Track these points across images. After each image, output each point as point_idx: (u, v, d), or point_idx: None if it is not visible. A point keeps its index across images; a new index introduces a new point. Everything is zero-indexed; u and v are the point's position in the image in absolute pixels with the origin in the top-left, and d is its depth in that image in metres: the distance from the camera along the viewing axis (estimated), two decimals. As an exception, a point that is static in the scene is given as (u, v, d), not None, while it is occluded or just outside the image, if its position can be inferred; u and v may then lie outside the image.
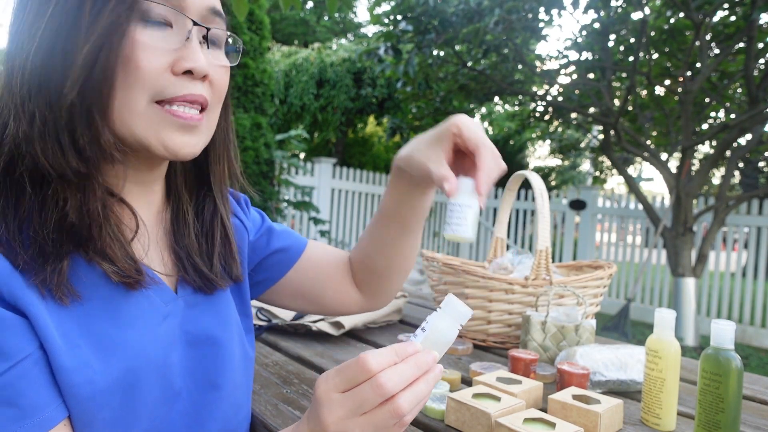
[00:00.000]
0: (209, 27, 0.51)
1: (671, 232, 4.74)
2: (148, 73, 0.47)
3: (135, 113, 0.48)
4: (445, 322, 0.49)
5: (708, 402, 0.66)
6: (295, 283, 0.74)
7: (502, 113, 10.80)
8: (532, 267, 1.07)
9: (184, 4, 0.49)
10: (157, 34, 0.48)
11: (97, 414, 0.48)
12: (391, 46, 4.53)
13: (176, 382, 0.55)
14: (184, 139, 0.50)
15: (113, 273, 0.49)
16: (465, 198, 0.55)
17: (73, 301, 0.47)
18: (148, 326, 0.52)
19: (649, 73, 4.72)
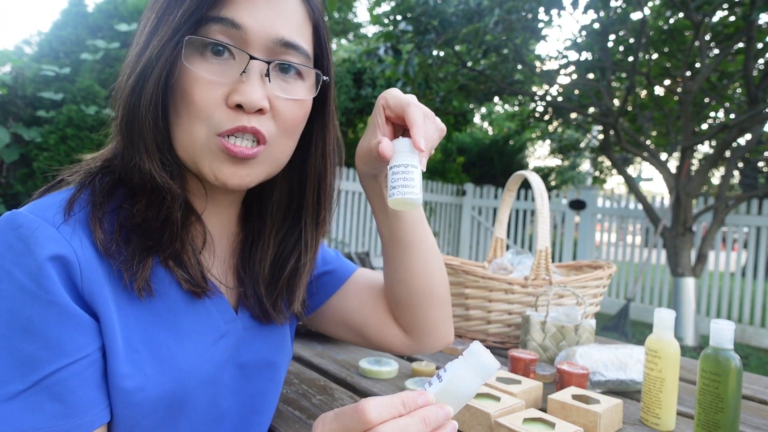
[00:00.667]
0: (271, 60, 0.50)
1: (671, 232, 4.74)
2: (202, 107, 0.49)
3: (195, 143, 0.50)
4: (468, 374, 0.42)
5: (707, 402, 0.66)
6: (338, 310, 0.70)
7: (502, 113, 10.80)
8: (531, 267, 1.08)
9: (246, 37, 0.49)
10: (216, 67, 0.49)
11: (140, 421, 0.48)
12: (391, 46, 4.53)
13: (223, 402, 0.55)
14: (233, 170, 0.51)
15: (183, 280, 0.51)
16: (405, 158, 0.50)
17: (146, 298, 0.49)
18: (205, 343, 0.53)
19: (649, 73, 4.72)
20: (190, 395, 0.51)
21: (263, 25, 0.49)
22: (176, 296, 0.52)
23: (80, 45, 5.21)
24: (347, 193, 6.64)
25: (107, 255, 0.47)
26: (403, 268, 0.65)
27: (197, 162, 0.51)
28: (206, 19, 0.47)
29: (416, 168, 0.50)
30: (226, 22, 0.47)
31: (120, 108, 0.50)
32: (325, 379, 0.87)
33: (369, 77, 7.06)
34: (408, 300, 0.67)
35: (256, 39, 0.49)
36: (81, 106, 4.31)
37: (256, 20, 0.48)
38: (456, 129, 7.94)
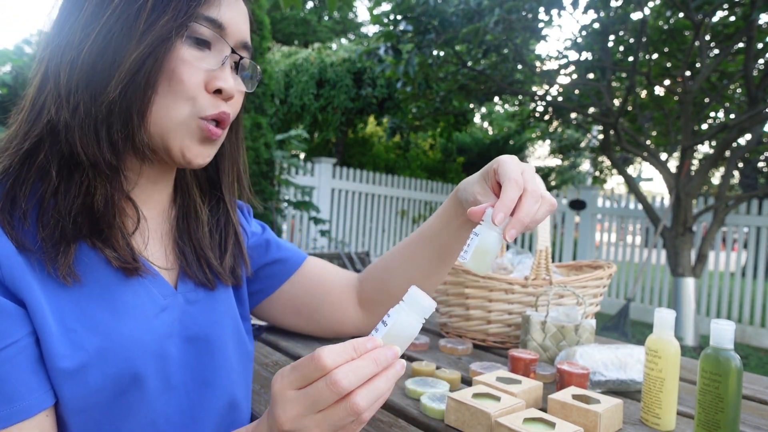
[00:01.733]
0: (242, 56, 0.58)
1: (671, 232, 4.74)
2: (189, 87, 0.53)
3: (173, 121, 0.53)
4: (408, 316, 0.47)
5: (708, 402, 0.66)
6: (290, 297, 0.74)
7: (502, 113, 10.80)
8: (531, 267, 1.08)
9: (226, 32, 0.55)
10: (197, 53, 0.54)
11: (89, 398, 0.49)
12: (391, 46, 4.53)
13: (173, 376, 0.56)
14: (201, 150, 0.56)
15: (114, 258, 0.52)
16: (479, 227, 0.55)
17: (74, 283, 0.50)
18: (145, 316, 0.54)
19: (649, 73, 4.72)
20: (137, 369, 0.51)
21: (237, 26, 0.56)
22: (108, 274, 0.53)
23: (80, 44, 5.20)
24: (347, 193, 6.63)
25: (22, 248, 0.48)
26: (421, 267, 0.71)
27: (168, 139, 0.54)
28: (199, 14, 0.53)
29: (478, 236, 0.54)
30: (213, 21, 0.54)
31: (66, 79, 0.50)
32: (325, 379, 0.87)
33: (369, 77, 7.05)
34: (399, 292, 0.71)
35: (232, 37, 0.56)
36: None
37: (233, 21, 0.56)
38: (456, 129, 7.94)
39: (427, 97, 5.83)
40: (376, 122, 8.49)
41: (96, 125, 0.50)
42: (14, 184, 0.50)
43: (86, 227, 0.51)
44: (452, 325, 1.14)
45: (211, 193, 0.67)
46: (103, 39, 0.50)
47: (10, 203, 0.49)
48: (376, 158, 9.22)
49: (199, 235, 0.63)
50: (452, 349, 1.04)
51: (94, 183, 0.51)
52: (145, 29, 0.50)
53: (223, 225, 0.66)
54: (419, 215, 7.39)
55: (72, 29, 0.51)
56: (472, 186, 0.63)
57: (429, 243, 0.70)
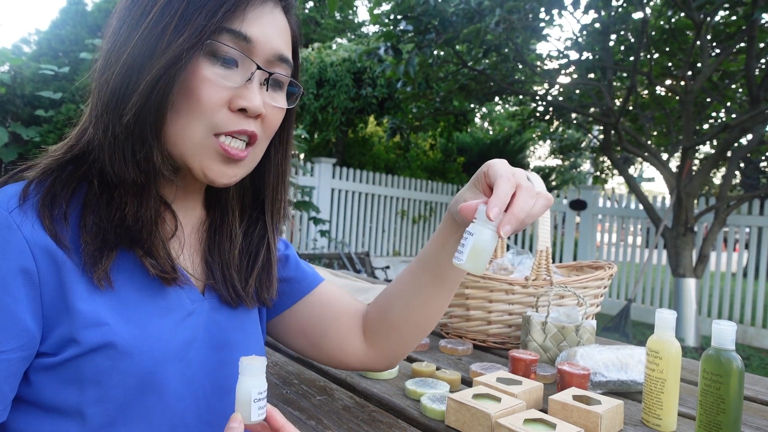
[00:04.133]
0: (272, 72, 0.55)
1: (672, 232, 4.73)
2: (207, 106, 0.52)
3: (190, 140, 0.53)
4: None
5: (709, 403, 0.66)
6: (299, 318, 0.72)
7: (503, 113, 10.80)
8: (532, 267, 1.07)
9: (253, 48, 0.53)
10: (222, 71, 0.52)
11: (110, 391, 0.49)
12: (391, 46, 4.53)
13: (195, 381, 0.56)
14: (223, 169, 0.55)
15: (152, 266, 0.53)
16: (472, 225, 0.53)
17: (107, 288, 0.51)
18: (172, 319, 0.55)
19: (650, 72, 4.72)
20: (159, 369, 0.52)
21: (267, 40, 0.54)
22: (146, 281, 0.54)
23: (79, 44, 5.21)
24: (347, 193, 6.63)
25: (59, 244, 0.49)
26: (421, 294, 0.68)
27: (187, 158, 0.53)
28: (221, 29, 0.51)
29: (472, 235, 0.53)
30: (238, 34, 0.52)
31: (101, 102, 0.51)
32: (325, 380, 0.87)
33: (369, 77, 7.05)
34: (401, 324, 0.70)
35: (261, 51, 0.54)
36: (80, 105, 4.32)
37: (262, 35, 0.54)
38: (456, 129, 7.94)
39: (427, 97, 5.83)
40: (376, 122, 8.49)
41: (122, 147, 0.51)
42: (54, 183, 0.52)
43: (126, 237, 0.52)
44: (452, 325, 1.14)
45: (251, 212, 0.65)
46: (132, 62, 0.50)
47: (51, 200, 0.50)
48: (376, 158, 9.22)
49: (227, 254, 0.62)
50: (452, 349, 1.04)
51: (125, 199, 0.52)
52: (164, 49, 0.50)
53: (254, 247, 0.65)
54: (419, 215, 7.39)
55: (109, 50, 0.52)
56: (463, 195, 0.62)
57: (427, 267, 0.67)
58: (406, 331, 0.71)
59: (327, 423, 0.69)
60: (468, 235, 0.53)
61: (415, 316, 0.69)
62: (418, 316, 0.69)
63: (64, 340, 0.49)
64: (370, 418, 0.72)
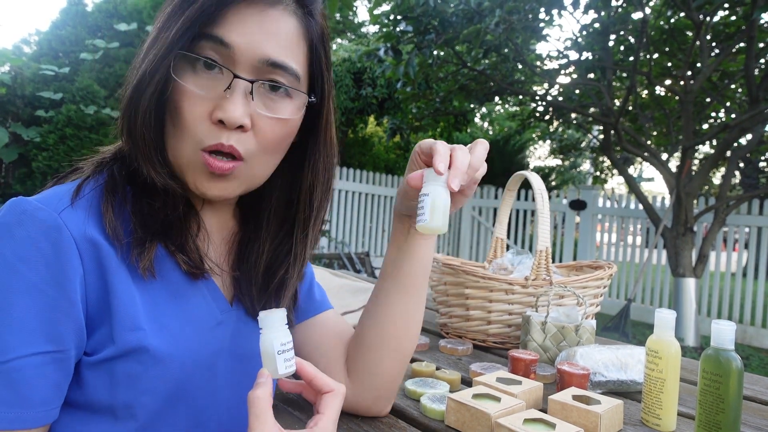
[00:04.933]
0: (255, 79, 0.51)
1: (672, 232, 4.73)
2: (189, 121, 0.51)
3: (182, 158, 0.53)
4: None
5: (708, 402, 0.66)
6: (297, 341, 0.70)
7: (503, 113, 10.80)
8: (532, 267, 1.07)
9: (234, 56, 0.50)
10: (203, 81, 0.50)
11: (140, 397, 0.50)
12: (391, 46, 4.53)
13: (220, 392, 0.56)
14: (212, 184, 0.53)
15: (183, 262, 0.53)
16: (426, 186, 0.56)
17: (149, 278, 0.52)
18: (204, 328, 0.55)
19: (650, 72, 4.72)
20: (188, 378, 0.52)
21: (251, 45, 0.50)
22: (176, 280, 0.54)
23: (79, 44, 5.21)
24: (347, 193, 6.63)
25: (115, 238, 0.50)
26: (388, 306, 0.66)
27: (182, 174, 0.54)
28: (199, 36, 0.49)
29: (429, 195, 0.55)
30: (216, 39, 0.49)
31: (120, 116, 0.53)
32: (325, 380, 0.87)
33: (369, 77, 7.06)
34: (374, 344, 0.66)
35: (243, 58, 0.50)
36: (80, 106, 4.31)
37: (245, 40, 0.50)
38: (456, 129, 7.94)
39: (427, 97, 5.83)
40: (376, 122, 8.49)
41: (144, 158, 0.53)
42: (114, 173, 0.54)
43: (162, 232, 0.53)
44: (452, 325, 1.14)
45: (285, 231, 0.62)
46: (138, 75, 0.51)
47: (112, 188, 0.52)
48: (376, 158, 9.21)
49: (252, 272, 0.61)
50: (452, 349, 1.04)
51: (156, 200, 0.54)
52: (153, 60, 0.50)
53: (278, 264, 0.61)
54: (419, 215, 7.38)
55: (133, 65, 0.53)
56: (403, 184, 0.62)
57: (388, 275, 0.66)
58: (379, 349, 0.67)
59: (327, 423, 0.69)
60: (424, 197, 0.55)
61: (387, 330, 0.66)
62: (390, 330, 0.66)
63: (103, 340, 0.49)
64: (370, 418, 0.72)
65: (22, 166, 4.28)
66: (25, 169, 4.23)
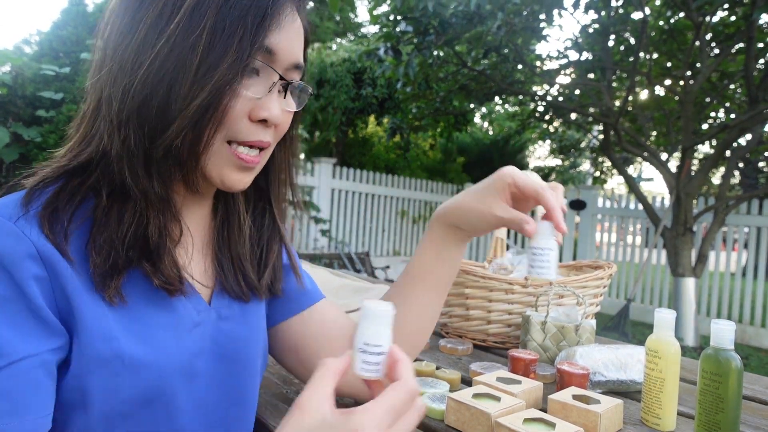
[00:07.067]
0: (290, 81, 0.55)
1: (671, 232, 4.74)
2: (231, 118, 0.50)
3: (209, 151, 0.51)
4: None
5: (708, 402, 0.66)
6: (293, 333, 0.70)
7: (502, 113, 10.80)
8: (532, 267, 1.07)
9: (275, 59, 0.52)
10: (246, 81, 0.51)
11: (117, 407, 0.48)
12: (391, 46, 4.53)
13: (203, 394, 0.56)
14: (240, 177, 0.54)
15: (158, 279, 0.51)
16: (545, 241, 0.58)
17: (120, 304, 0.49)
18: (178, 333, 0.54)
19: (650, 73, 4.72)
20: (165, 383, 0.51)
21: (288, 49, 0.53)
22: (151, 293, 0.52)
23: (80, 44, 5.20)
24: (347, 193, 6.63)
25: (66, 257, 0.47)
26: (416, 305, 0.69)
27: (207, 167, 0.52)
28: (259, 47, 0.50)
29: (553, 251, 0.58)
30: (266, 49, 0.51)
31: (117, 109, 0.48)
32: (325, 379, 0.87)
33: (369, 77, 7.06)
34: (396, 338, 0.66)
35: (281, 61, 0.53)
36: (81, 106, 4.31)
37: (286, 45, 0.52)
38: (456, 129, 7.94)
39: (427, 97, 5.83)
40: (376, 122, 8.49)
41: (147, 161, 0.49)
42: (58, 195, 0.49)
43: (137, 254, 0.50)
44: (452, 325, 1.14)
45: (257, 202, 0.64)
46: (156, 71, 0.47)
47: (51, 213, 0.47)
48: (376, 158, 9.21)
49: (239, 247, 0.61)
50: (452, 349, 1.04)
51: (146, 213, 0.50)
52: (206, 70, 0.47)
53: (266, 238, 0.64)
54: (419, 215, 7.39)
55: (125, 53, 0.48)
56: (483, 202, 0.62)
57: (422, 281, 0.67)
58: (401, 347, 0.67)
59: (328, 422, 0.70)
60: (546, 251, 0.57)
61: (411, 328, 0.69)
62: (414, 327, 0.69)
63: (72, 350, 0.47)
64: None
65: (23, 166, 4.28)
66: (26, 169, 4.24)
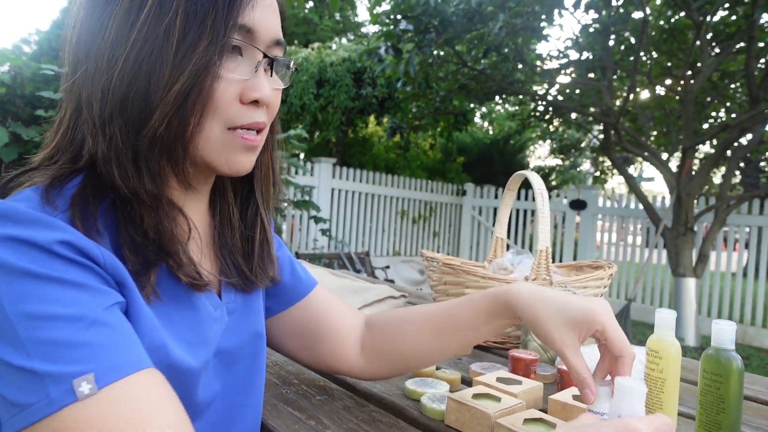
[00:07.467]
0: (274, 57, 0.54)
1: (672, 232, 4.73)
2: (222, 103, 0.50)
3: (209, 140, 0.51)
4: None
5: (709, 402, 0.66)
6: (295, 321, 0.73)
7: (503, 113, 10.80)
8: (532, 267, 1.07)
9: (257, 35, 0.51)
10: (230, 64, 0.50)
11: None
12: (391, 45, 4.53)
13: (214, 385, 0.57)
14: (246, 158, 0.54)
15: (184, 275, 0.51)
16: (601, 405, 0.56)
17: (155, 301, 0.49)
18: (206, 329, 0.55)
19: (650, 72, 4.72)
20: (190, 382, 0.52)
21: (267, 26, 0.52)
22: (179, 289, 0.53)
23: (80, 44, 5.20)
24: (347, 193, 6.63)
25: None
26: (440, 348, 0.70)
27: (209, 157, 0.52)
28: (235, 25, 0.49)
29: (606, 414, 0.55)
30: (245, 28, 0.50)
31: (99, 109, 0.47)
32: (325, 380, 0.87)
33: (369, 77, 7.05)
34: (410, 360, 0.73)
35: (262, 39, 0.52)
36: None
37: (264, 23, 0.52)
38: (456, 129, 7.94)
39: (427, 96, 5.83)
40: (376, 122, 8.49)
41: (135, 158, 0.48)
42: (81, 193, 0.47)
43: (159, 251, 0.50)
44: (452, 325, 1.14)
45: (242, 191, 0.64)
46: (132, 64, 0.46)
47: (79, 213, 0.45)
48: (376, 158, 9.21)
49: (230, 242, 0.62)
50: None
51: (139, 213, 0.49)
52: (184, 54, 0.46)
53: (251, 226, 0.64)
54: (419, 215, 7.39)
55: (99, 51, 0.47)
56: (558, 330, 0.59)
57: (459, 332, 0.68)
58: (414, 362, 0.73)
59: (327, 423, 0.69)
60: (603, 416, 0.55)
61: (430, 357, 0.72)
62: (432, 357, 0.72)
63: None
64: (370, 418, 0.72)
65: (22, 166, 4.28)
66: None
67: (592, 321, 0.58)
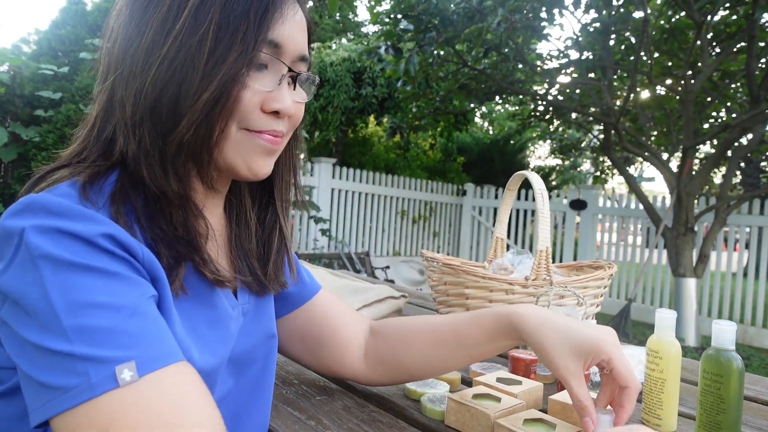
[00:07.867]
0: (299, 72, 0.56)
1: (672, 232, 4.73)
2: (243, 110, 0.51)
3: (227, 140, 0.52)
4: None
5: (709, 403, 0.66)
6: (299, 324, 0.74)
7: (503, 113, 10.80)
8: (532, 267, 1.07)
9: (283, 50, 0.53)
10: (255, 75, 0.52)
11: None
12: (391, 45, 4.52)
13: (227, 384, 0.58)
14: (265, 161, 0.55)
15: (209, 272, 0.52)
16: None
17: (182, 295, 0.51)
18: (226, 329, 0.56)
19: (650, 72, 4.72)
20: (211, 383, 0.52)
21: (294, 41, 0.54)
22: (202, 287, 0.54)
23: (79, 44, 5.21)
24: (347, 193, 6.63)
25: None
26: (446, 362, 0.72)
27: (230, 157, 0.53)
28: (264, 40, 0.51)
29: None
30: (272, 43, 0.52)
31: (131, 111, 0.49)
32: (325, 380, 0.87)
33: (369, 76, 7.05)
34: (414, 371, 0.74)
35: (288, 53, 0.54)
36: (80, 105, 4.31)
37: (290, 37, 0.53)
38: (456, 129, 7.93)
39: (427, 96, 5.83)
40: (376, 122, 8.49)
41: (162, 159, 0.50)
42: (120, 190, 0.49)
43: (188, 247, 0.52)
44: (452, 325, 1.14)
45: (261, 198, 0.65)
46: (166, 71, 0.48)
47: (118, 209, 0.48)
48: (376, 158, 9.21)
49: (247, 245, 0.63)
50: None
51: (168, 210, 0.51)
52: (214, 65, 0.48)
53: (268, 233, 0.65)
54: (419, 215, 7.39)
55: (135, 56, 0.49)
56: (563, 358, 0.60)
57: (462, 348, 0.69)
58: (416, 373, 0.74)
59: (327, 423, 0.69)
60: None
61: (433, 369, 0.73)
62: (435, 369, 0.73)
63: None
64: (370, 418, 0.72)
65: (22, 166, 4.27)
66: (25, 168, 4.23)
67: (599, 350, 0.58)
